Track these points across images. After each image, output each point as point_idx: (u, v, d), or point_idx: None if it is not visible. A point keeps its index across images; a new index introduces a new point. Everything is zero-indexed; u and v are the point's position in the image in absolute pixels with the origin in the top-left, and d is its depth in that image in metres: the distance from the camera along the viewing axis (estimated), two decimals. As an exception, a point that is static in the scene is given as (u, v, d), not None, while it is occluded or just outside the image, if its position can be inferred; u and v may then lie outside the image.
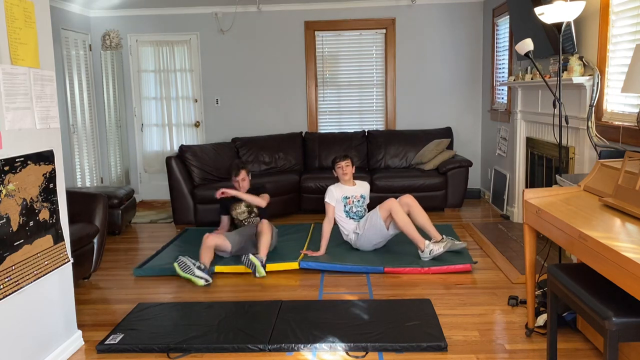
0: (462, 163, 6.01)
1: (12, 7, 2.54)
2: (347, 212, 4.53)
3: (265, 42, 6.97)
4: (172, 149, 7.20)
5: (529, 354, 2.82)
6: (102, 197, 4.23)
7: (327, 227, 4.46)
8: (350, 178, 4.61)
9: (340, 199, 4.53)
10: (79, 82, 6.63)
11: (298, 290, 3.85)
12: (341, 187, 4.59)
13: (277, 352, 2.91)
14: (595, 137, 3.78)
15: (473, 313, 3.35)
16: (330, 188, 4.57)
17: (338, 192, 4.55)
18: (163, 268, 4.27)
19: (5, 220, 2.44)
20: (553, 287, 2.46)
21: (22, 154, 2.58)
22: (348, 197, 4.55)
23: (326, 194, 4.56)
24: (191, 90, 7.17)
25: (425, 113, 6.97)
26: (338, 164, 4.60)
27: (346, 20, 6.86)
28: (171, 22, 6.99)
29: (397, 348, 2.87)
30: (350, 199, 4.55)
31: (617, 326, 1.97)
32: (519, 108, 5.39)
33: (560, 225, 2.43)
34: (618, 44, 3.60)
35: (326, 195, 4.55)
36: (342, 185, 4.60)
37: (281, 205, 5.96)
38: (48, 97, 2.82)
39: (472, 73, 6.91)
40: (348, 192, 4.57)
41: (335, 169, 4.63)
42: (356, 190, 4.61)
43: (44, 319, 2.79)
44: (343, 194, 4.54)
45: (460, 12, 6.80)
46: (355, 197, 4.56)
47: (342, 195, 4.53)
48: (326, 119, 7.14)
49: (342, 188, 4.58)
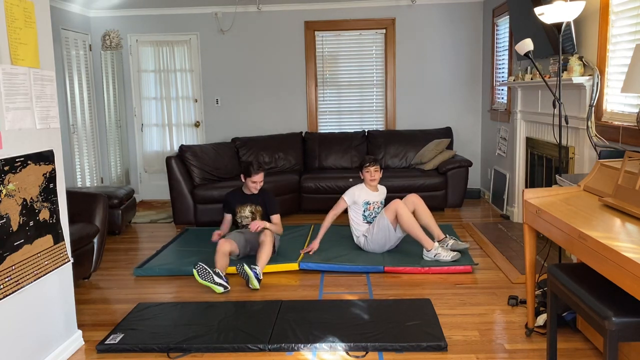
0: (462, 163, 6.01)
1: (12, 7, 2.54)
2: (366, 217, 4.50)
3: (265, 42, 6.98)
4: (172, 149, 7.21)
5: (528, 354, 2.82)
6: (102, 197, 4.23)
7: (329, 219, 4.49)
8: (376, 184, 4.59)
9: (361, 204, 4.48)
10: (79, 82, 6.63)
11: (298, 290, 3.85)
12: (365, 190, 4.52)
13: (277, 352, 2.91)
14: (595, 137, 3.78)
15: (473, 313, 3.35)
16: (353, 189, 4.52)
17: (361, 195, 4.48)
18: (163, 268, 4.27)
19: (5, 220, 2.45)
20: (553, 287, 2.46)
21: (22, 154, 2.58)
22: (370, 202, 4.50)
23: (347, 192, 4.51)
24: (191, 90, 7.17)
25: (425, 113, 6.97)
26: (367, 168, 4.50)
27: (346, 20, 6.86)
28: (171, 22, 7.00)
29: (397, 348, 2.88)
30: (372, 205, 4.51)
31: (617, 326, 1.97)
32: (518, 108, 5.40)
33: (560, 225, 2.43)
34: (618, 44, 3.61)
35: (347, 193, 4.51)
36: (366, 189, 4.53)
37: (281, 205, 5.94)
38: (48, 97, 2.82)
39: (472, 73, 6.91)
40: (371, 197, 4.51)
41: (363, 172, 4.54)
42: (378, 196, 4.58)
43: (44, 319, 2.79)
44: (365, 199, 4.49)
45: (460, 12, 6.80)
46: (376, 204, 4.54)
47: (364, 200, 4.48)
48: (326, 119, 7.14)
49: (366, 192, 4.52)
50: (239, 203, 4.55)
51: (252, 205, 4.53)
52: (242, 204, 4.54)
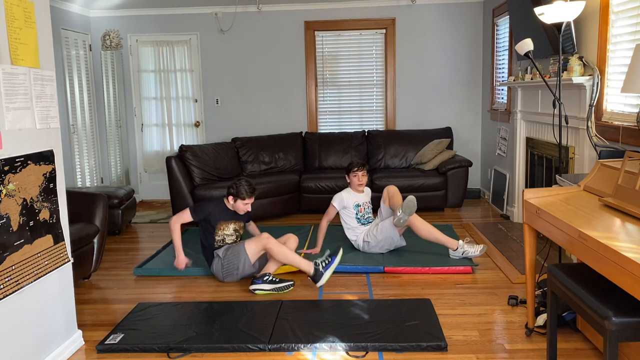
0: (462, 163, 6.01)
1: (12, 7, 2.54)
2: (359, 219, 4.50)
3: (265, 42, 6.98)
4: (172, 149, 7.21)
5: (528, 354, 2.82)
6: (102, 197, 4.23)
7: (324, 225, 4.49)
8: (363, 188, 4.58)
9: (352, 207, 4.48)
10: (79, 82, 6.63)
11: (298, 290, 3.85)
12: (352, 193, 4.53)
13: (277, 352, 2.91)
14: (595, 137, 3.78)
15: (473, 313, 3.35)
16: (341, 194, 4.52)
17: (349, 199, 4.49)
18: (163, 268, 4.27)
19: (6, 220, 2.45)
20: (553, 287, 2.46)
21: (22, 154, 2.58)
22: (360, 204, 4.50)
23: (335, 198, 4.50)
24: (191, 90, 7.17)
25: (425, 113, 6.97)
26: (355, 173, 4.48)
27: (346, 20, 6.86)
28: (171, 22, 7.00)
29: (397, 348, 2.88)
30: (362, 206, 4.51)
31: (617, 326, 1.97)
32: (518, 108, 5.40)
33: (560, 225, 2.43)
34: (618, 44, 3.61)
35: (335, 198, 4.50)
36: (352, 192, 4.53)
37: (281, 205, 5.96)
38: (48, 97, 2.82)
39: (472, 73, 6.91)
40: (360, 199, 4.52)
41: (350, 176, 4.53)
42: (365, 197, 4.59)
43: (44, 319, 2.79)
44: (355, 202, 4.49)
45: (460, 12, 6.80)
46: (365, 204, 4.54)
47: (354, 203, 4.48)
48: (326, 119, 7.14)
49: (354, 195, 4.52)
50: (223, 219, 4.04)
51: (237, 222, 4.12)
52: (226, 221, 4.05)
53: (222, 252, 3.96)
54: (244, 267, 3.91)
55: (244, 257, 3.89)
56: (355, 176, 4.49)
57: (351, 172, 4.51)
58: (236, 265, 3.90)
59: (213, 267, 4.01)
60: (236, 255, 3.91)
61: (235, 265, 3.90)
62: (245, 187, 4.01)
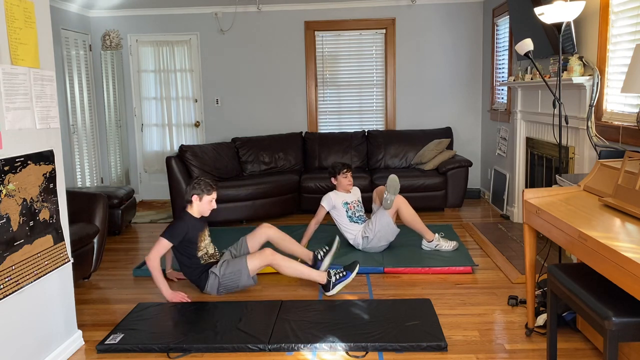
0: (462, 163, 6.01)
1: (12, 7, 2.54)
2: (351, 217, 4.56)
3: (265, 42, 6.98)
4: (172, 149, 7.21)
5: (528, 354, 2.82)
6: (102, 197, 4.23)
7: (312, 227, 4.59)
8: (351, 188, 4.69)
9: (341, 206, 4.55)
10: (79, 82, 6.63)
11: (298, 290, 3.85)
12: (339, 194, 4.62)
13: (277, 352, 2.91)
14: (595, 137, 3.78)
15: (473, 313, 3.35)
16: (329, 195, 4.60)
17: (337, 199, 4.57)
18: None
19: (5, 220, 2.45)
20: (553, 287, 2.46)
21: (22, 154, 2.58)
22: (348, 202, 4.59)
23: (324, 199, 4.59)
24: (191, 90, 7.17)
25: (425, 113, 6.97)
26: (345, 174, 4.60)
27: (346, 20, 6.86)
28: (171, 22, 7.00)
29: (397, 348, 2.88)
30: (351, 204, 4.60)
31: (617, 326, 1.97)
32: (518, 108, 5.40)
33: (560, 225, 2.43)
34: (618, 44, 3.61)
35: (324, 199, 4.59)
36: (340, 193, 4.63)
37: (281, 205, 5.96)
38: (48, 97, 2.82)
39: (472, 73, 6.91)
40: (347, 198, 4.62)
41: (338, 177, 4.62)
42: (353, 195, 4.68)
43: (44, 319, 2.79)
44: (343, 200, 4.58)
45: (460, 12, 6.80)
46: (354, 202, 4.63)
47: (343, 202, 4.57)
48: (326, 119, 7.14)
49: (341, 195, 4.62)
50: (199, 230, 3.80)
51: (207, 228, 3.93)
52: (202, 230, 3.83)
53: (219, 270, 3.74)
54: (243, 284, 3.78)
55: (246, 274, 3.74)
56: (345, 177, 4.60)
57: (341, 173, 4.61)
58: (236, 284, 3.76)
59: (208, 287, 3.75)
60: (237, 274, 3.73)
61: (236, 283, 3.75)
62: (206, 181, 3.82)
